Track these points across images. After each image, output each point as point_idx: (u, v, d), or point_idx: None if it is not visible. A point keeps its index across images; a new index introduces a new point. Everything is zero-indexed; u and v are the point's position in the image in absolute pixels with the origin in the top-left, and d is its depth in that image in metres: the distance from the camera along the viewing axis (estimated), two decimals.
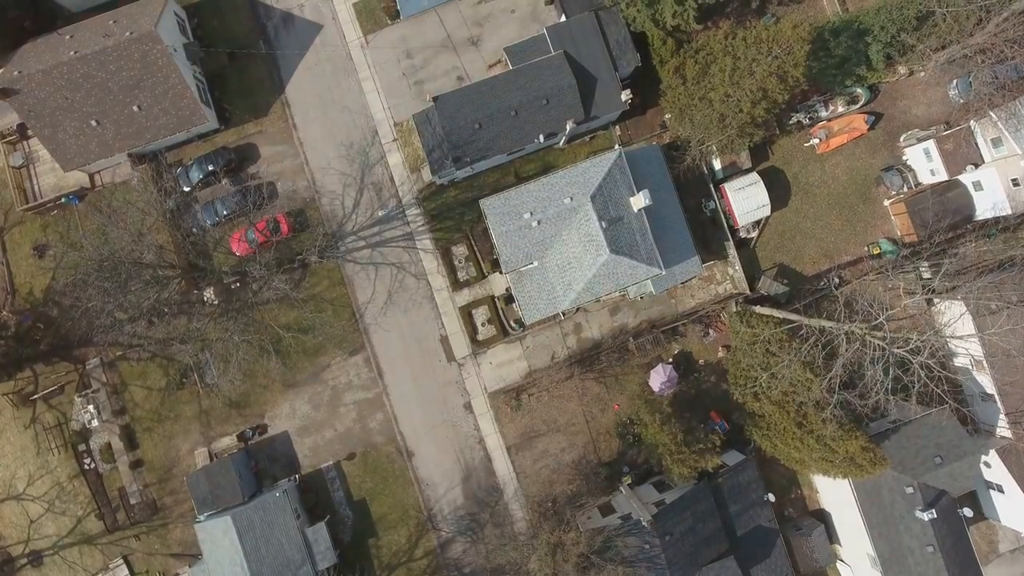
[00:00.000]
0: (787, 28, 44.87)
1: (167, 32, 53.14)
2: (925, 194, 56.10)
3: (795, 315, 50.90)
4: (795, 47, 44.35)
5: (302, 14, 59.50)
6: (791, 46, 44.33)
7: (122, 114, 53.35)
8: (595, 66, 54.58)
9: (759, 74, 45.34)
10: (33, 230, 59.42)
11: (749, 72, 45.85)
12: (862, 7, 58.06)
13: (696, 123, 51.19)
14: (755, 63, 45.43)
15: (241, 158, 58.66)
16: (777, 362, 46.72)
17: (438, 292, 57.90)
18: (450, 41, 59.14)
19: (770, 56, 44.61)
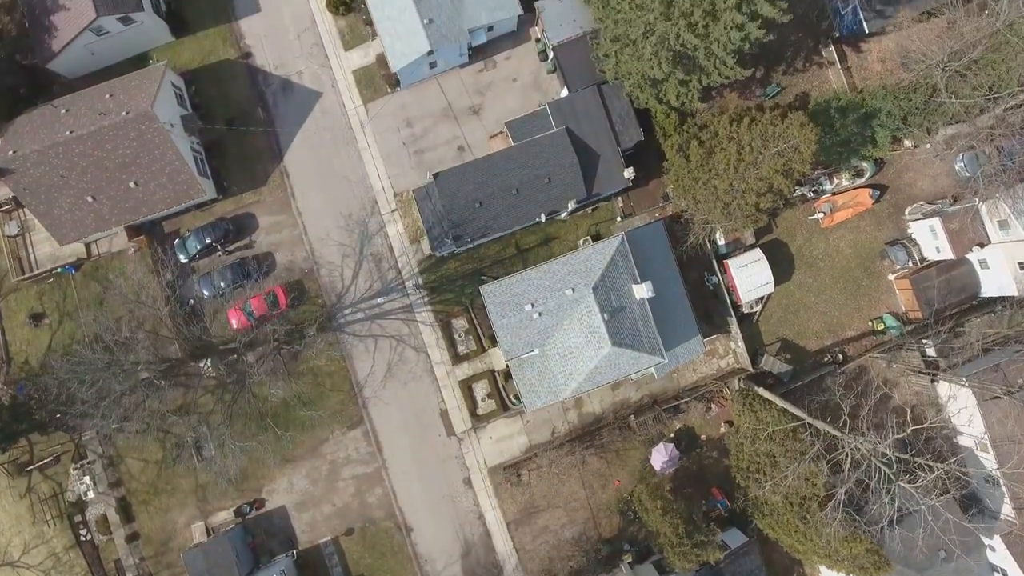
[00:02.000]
0: (794, 125, 44.16)
1: (164, 106, 52.44)
2: (930, 272, 55.54)
3: (798, 410, 50.34)
4: (802, 147, 43.69)
5: (301, 81, 58.76)
6: (798, 145, 43.68)
7: (118, 190, 52.69)
8: (597, 141, 53.97)
9: (764, 170, 44.73)
10: (29, 298, 58.79)
11: (754, 165, 45.22)
12: (867, 83, 57.62)
13: (700, 206, 50.55)
14: (760, 157, 44.78)
15: (239, 228, 58.01)
16: (779, 470, 46.26)
17: (438, 365, 57.32)
18: (451, 110, 58.44)
19: (776, 153, 43.99)
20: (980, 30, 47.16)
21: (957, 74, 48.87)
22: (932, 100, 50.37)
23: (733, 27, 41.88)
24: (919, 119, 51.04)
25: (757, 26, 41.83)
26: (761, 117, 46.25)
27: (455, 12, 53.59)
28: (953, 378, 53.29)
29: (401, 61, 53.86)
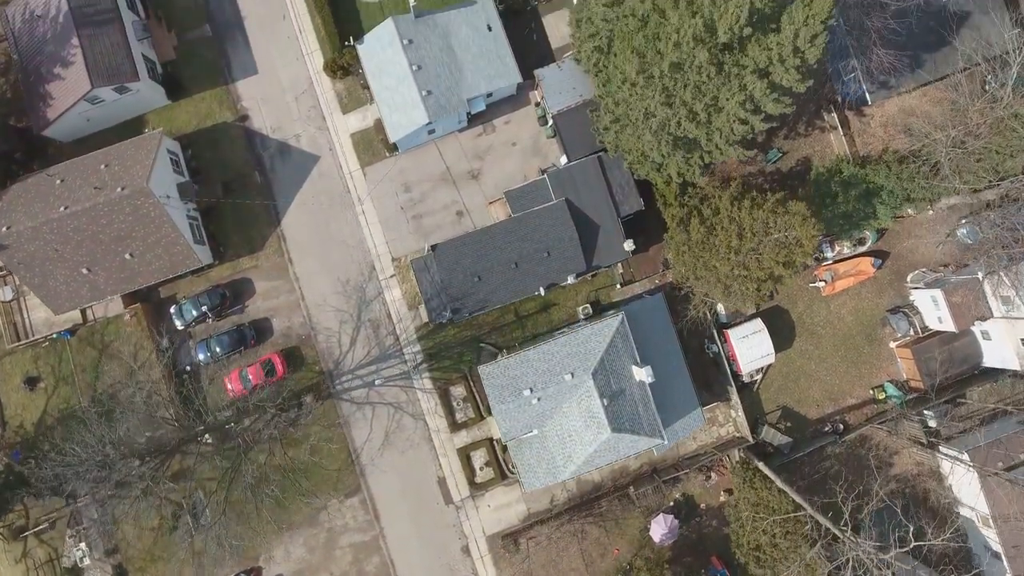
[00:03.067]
0: (796, 219, 43.60)
1: (160, 177, 51.91)
2: (932, 342, 55.17)
3: (798, 496, 49.95)
4: (804, 241, 43.22)
5: (298, 145, 58.26)
6: (800, 239, 43.20)
7: (114, 262, 52.24)
8: (597, 211, 53.54)
9: (766, 260, 44.29)
10: (24, 361, 58.35)
11: (755, 251, 44.77)
12: (870, 148, 57.18)
13: (700, 283, 50.12)
14: (761, 244, 44.32)
15: (236, 293, 57.56)
16: (779, 551, 45.84)
17: (436, 433, 56.93)
18: (449, 174, 57.95)
19: (777, 242, 43.54)
20: (984, 114, 46.71)
21: (960, 153, 48.36)
22: (935, 178, 49.92)
23: (736, 120, 41.38)
24: (922, 194, 50.55)
25: (761, 120, 41.31)
26: (763, 201, 45.69)
27: (454, 82, 53.09)
28: (954, 452, 52.91)
29: (399, 132, 53.40)
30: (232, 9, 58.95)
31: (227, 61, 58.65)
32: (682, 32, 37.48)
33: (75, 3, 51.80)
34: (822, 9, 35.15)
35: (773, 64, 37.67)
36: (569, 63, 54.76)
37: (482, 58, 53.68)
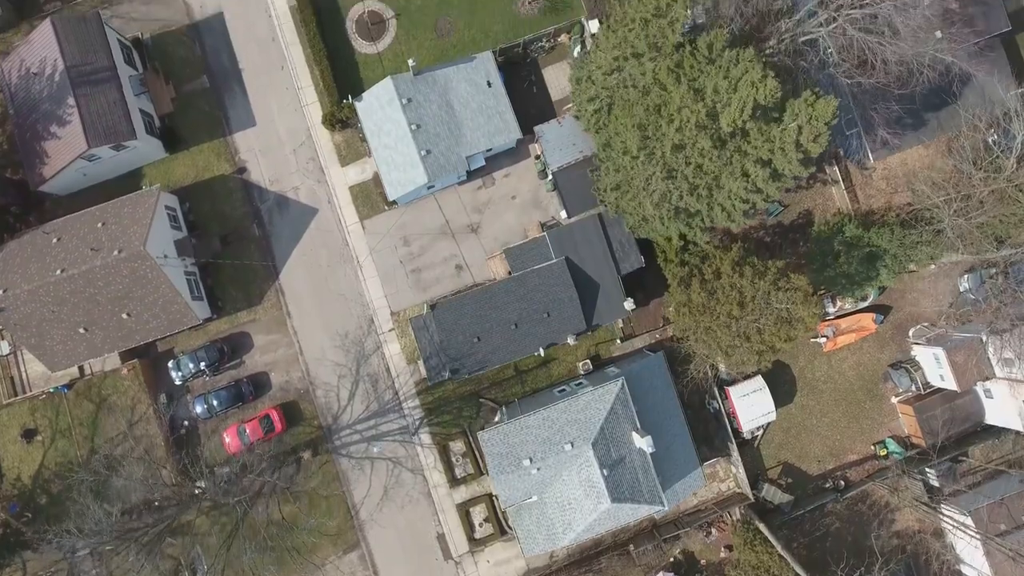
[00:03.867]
0: (800, 294, 43.16)
1: (157, 236, 51.49)
2: (934, 400, 54.92)
3: (799, 567, 49.73)
4: (807, 320, 42.85)
5: (297, 197, 57.89)
6: (803, 318, 42.83)
7: (111, 321, 51.89)
8: (597, 269, 53.23)
9: (767, 335, 43.98)
10: (21, 413, 58.02)
11: (756, 325, 44.45)
12: (872, 202, 56.88)
13: (701, 344, 49.81)
14: (762, 316, 43.99)
15: (234, 347, 57.23)
16: None
17: (435, 488, 56.65)
18: (449, 228, 57.58)
19: (778, 318, 43.23)
20: (987, 182, 46.34)
21: (964, 220, 47.99)
22: (937, 238, 49.57)
23: (738, 199, 41.01)
24: (925, 257, 50.22)
25: (763, 198, 40.92)
26: (765, 270, 45.23)
27: (453, 141, 52.73)
28: (956, 514, 52.67)
29: (398, 191, 53.09)
30: (230, 60, 58.52)
31: (225, 113, 58.22)
32: (684, 117, 37.10)
33: (71, 62, 51.34)
34: (825, 112, 34.84)
35: (775, 154, 37.33)
36: (569, 119, 54.42)
37: (482, 115, 53.30)
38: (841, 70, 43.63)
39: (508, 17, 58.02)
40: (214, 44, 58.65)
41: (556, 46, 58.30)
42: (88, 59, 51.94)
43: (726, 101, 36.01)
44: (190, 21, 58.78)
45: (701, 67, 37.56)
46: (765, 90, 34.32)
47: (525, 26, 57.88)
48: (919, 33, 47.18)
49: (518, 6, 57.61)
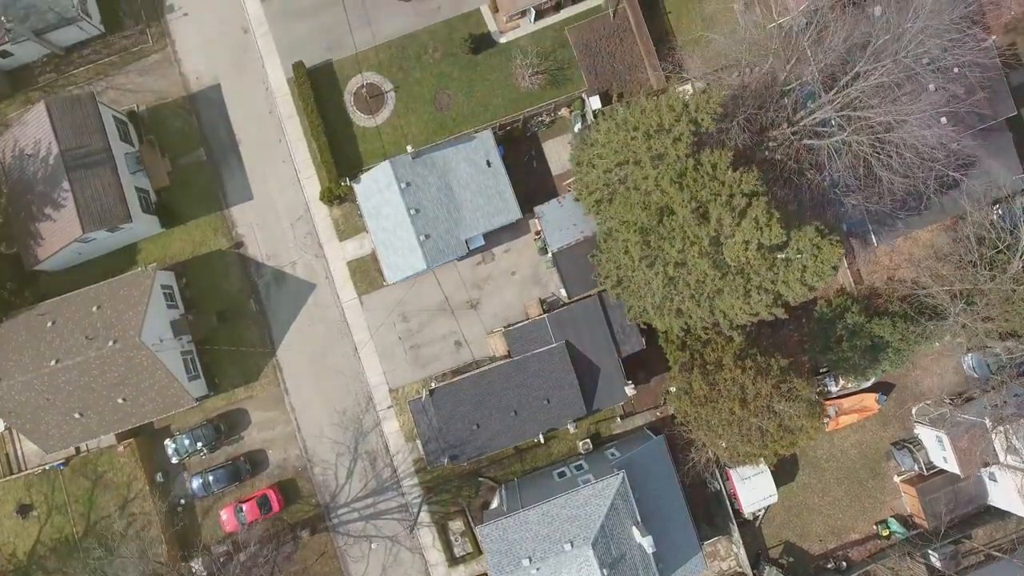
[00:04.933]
0: (803, 404, 42.64)
1: (153, 321, 51.00)
2: (937, 482, 54.44)
3: None
4: (809, 430, 42.36)
5: (294, 272, 57.33)
6: (806, 428, 42.34)
7: (106, 406, 51.41)
8: (597, 353, 52.70)
9: (768, 441, 43.49)
10: (17, 488, 57.56)
11: (759, 427, 43.96)
12: (874, 276, 56.32)
13: (701, 434, 49.34)
14: (766, 420, 43.50)
15: (231, 424, 56.76)
16: None
17: (434, 568, 56.19)
18: (448, 304, 57.02)
19: (780, 426, 42.74)
20: (993, 281, 45.84)
21: (967, 313, 47.53)
22: (941, 329, 49.11)
23: (740, 312, 40.49)
24: (928, 347, 49.75)
25: (768, 309, 40.31)
26: (768, 368, 44.68)
27: (453, 223, 52.19)
28: None
29: (396, 275, 52.61)
30: (227, 132, 57.92)
31: (222, 186, 57.64)
32: (687, 238, 36.53)
33: (66, 145, 50.80)
34: (831, 256, 34.31)
35: (777, 284, 36.82)
36: (569, 200, 53.79)
37: (481, 195, 52.76)
38: (848, 198, 43.19)
39: (508, 90, 57.41)
40: (211, 116, 58.04)
41: (556, 120, 57.73)
42: (83, 141, 51.37)
43: (730, 232, 35.48)
44: (187, 92, 58.17)
45: (704, 182, 37.05)
46: (770, 233, 33.81)
47: (525, 100, 57.30)
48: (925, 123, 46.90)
49: (518, 79, 56.96)
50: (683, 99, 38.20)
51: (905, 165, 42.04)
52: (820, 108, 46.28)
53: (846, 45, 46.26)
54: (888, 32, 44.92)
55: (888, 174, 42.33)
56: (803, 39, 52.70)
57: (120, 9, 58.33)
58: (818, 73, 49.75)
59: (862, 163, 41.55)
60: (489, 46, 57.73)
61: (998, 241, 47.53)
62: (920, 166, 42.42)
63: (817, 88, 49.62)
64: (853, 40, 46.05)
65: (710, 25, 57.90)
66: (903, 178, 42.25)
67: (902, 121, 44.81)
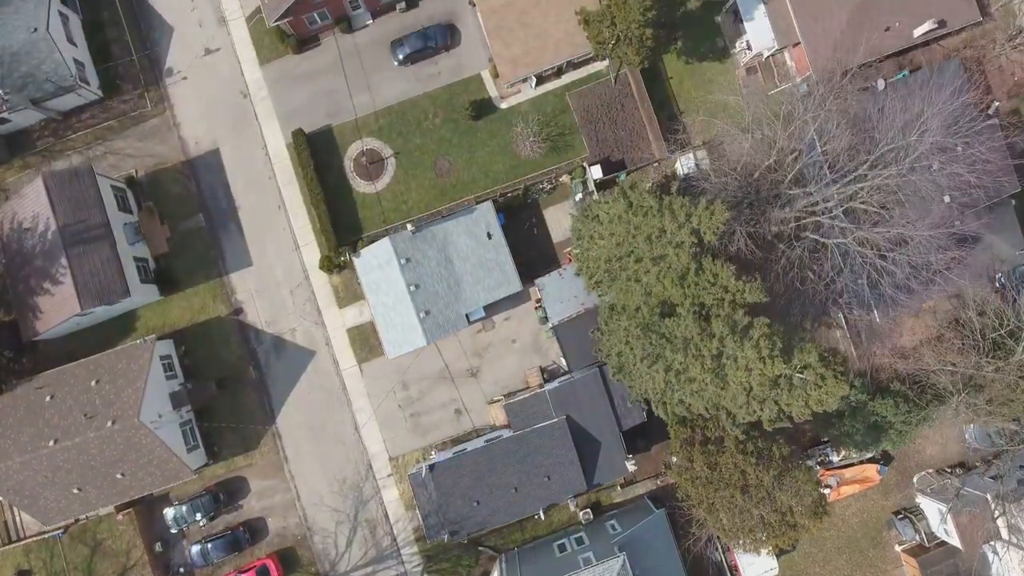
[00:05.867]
0: (807, 501, 42.36)
1: (152, 396, 50.79)
2: (938, 554, 54.24)
3: None
4: (812, 527, 42.17)
5: (294, 339, 57.08)
6: (808, 526, 42.14)
7: (105, 480, 51.21)
8: (598, 426, 52.50)
9: (769, 532, 43.28)
10: (16, 554, 57.36)
11: (761, 516, 43.76)
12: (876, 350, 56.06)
13: (703, 512, 49.16)
14: (768, 512, 43.29)
15: (230, 492, 56.56)
16: None
17: None
18: (448, 372, 56.79)
19: (784, 524, 42.55)
20: (998, 369, 45.63)
21: (970, 397, 47.35)
22: (942, 410, 48.91)
23: (744, 412, 40.19)
24: (930, 426, 49.57)
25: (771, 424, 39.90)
26: (770, 455, 44.40)
27: (453, 298, 51.95)
28: None
29: (396, 350, 52.38)
30: (226, 198, 57.62)
31: (221, 252, 57.35)
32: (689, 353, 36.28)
33: (64, 221, 50.55)
34: (835, 391, 34.06)
35: (781, 404, 36.60)
36: (570, 272, 53.50)
37: (482, 268, 52.51)
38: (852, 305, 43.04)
39: (509, 157, 57.10)
40: (210, 181, 57.76)
41: (557, 187, 57.41)
42: (81, 216, 51.09)
43: (732, 354, 35.21)
44: (186, 157, 57.87)
45: (706, 286, 36.81)
46: (772, 367, 33.53)
47: (526, 166, 57.01)
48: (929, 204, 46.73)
49: (519, 146, 56.65)
50: (687, 208, 37.89)
51: (910, 272, 41.88)
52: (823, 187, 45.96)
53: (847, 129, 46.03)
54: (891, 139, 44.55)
55: (894, 291, 42.22)
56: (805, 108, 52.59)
57: (118, 73, 57.94)
58: (819, 145, 49.48)
59: (867, 276, 41.39)
60: (490, 112, 57.40)
61: (999, 324, 47.27)
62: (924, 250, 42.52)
63: (819, 160, 49.33)
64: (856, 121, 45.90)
65: (712, 90, 57.59)
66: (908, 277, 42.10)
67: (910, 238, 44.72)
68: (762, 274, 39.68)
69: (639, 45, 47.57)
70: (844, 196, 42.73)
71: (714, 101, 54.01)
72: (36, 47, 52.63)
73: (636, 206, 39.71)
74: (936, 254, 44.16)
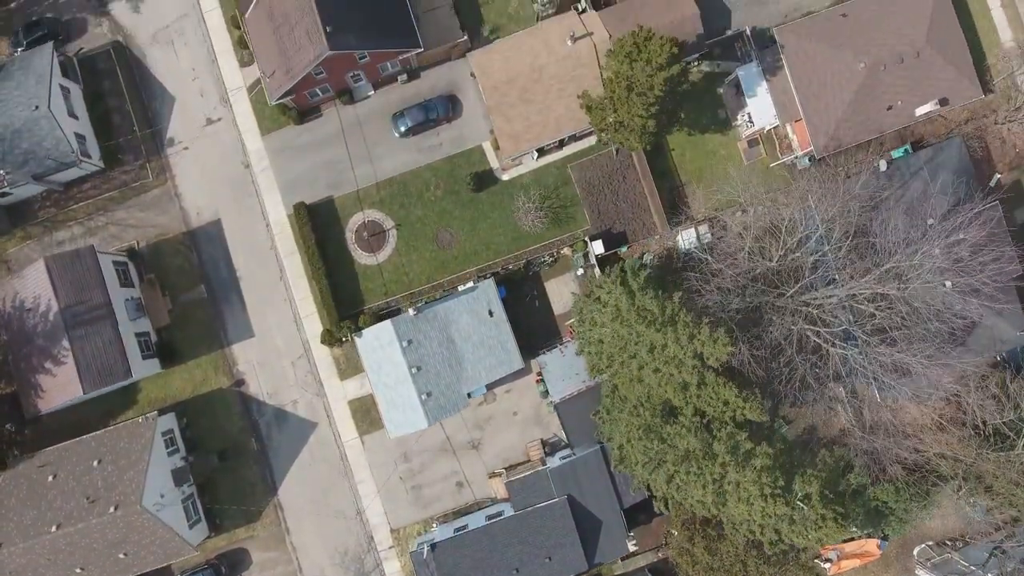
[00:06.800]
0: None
1: (154, 477, 50.89)
2: None
3: None
4: None
5: (295, 411, 57.17)
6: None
7: (107, 561, 51.29)
8: (599, 505, 52.65)
9: None
10: None
11: None
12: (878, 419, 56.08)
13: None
14: None
15: (232, 564, 56.77)
16: None
17: None
18: (450, 444, 56.91)
19: None
20: (1001, 467, 45.75)
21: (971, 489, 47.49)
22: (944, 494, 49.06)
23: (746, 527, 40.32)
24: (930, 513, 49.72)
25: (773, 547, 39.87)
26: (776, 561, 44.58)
27: (454, 378, 52.06)
28: None
29: (398, 430, 52.57)
30: (227, 269, 57.63)
31: (222, 323, 57.39)
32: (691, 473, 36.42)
33: (65, 303, 50.64)
34: (835, 533, 34.19)
35: (783, 533, 36.71)
36: (571, 349, 53.57)
37: (483, 347, 52.61)
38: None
39: (510, 229, 57.10)
40: (212, 252, 57.77)
41: (559, 259, 57.43)
42: (83, 297, 51.16)
43: (733, 481, 35.35)
44: (187, 228, 57.86)
45: (708, 399, 36.94)
46: (774, 507, 33.64)
47: (527, 238, 57.00)
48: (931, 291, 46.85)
49: (520, 219, 56.63)
50: (690, 329, 37.86)
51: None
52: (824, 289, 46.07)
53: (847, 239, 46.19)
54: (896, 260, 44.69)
55: (895, 379, 42.26)
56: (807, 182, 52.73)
57: (120, 144, 57.86)
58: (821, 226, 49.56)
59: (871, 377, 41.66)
60: (491, 183, 57.42)
61: (1000, 413, 47.39)
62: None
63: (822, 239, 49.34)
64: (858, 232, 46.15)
65: (714, 162, 57.72)
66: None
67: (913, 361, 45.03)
68: (766, 373, 39.67)
69: (641, 132, 47.57)
70: (845, 297, 42.78)
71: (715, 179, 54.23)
72: (38, 125, 52.59)
73: (639, 307, 39.75)
74: (937, 348, 44.22)
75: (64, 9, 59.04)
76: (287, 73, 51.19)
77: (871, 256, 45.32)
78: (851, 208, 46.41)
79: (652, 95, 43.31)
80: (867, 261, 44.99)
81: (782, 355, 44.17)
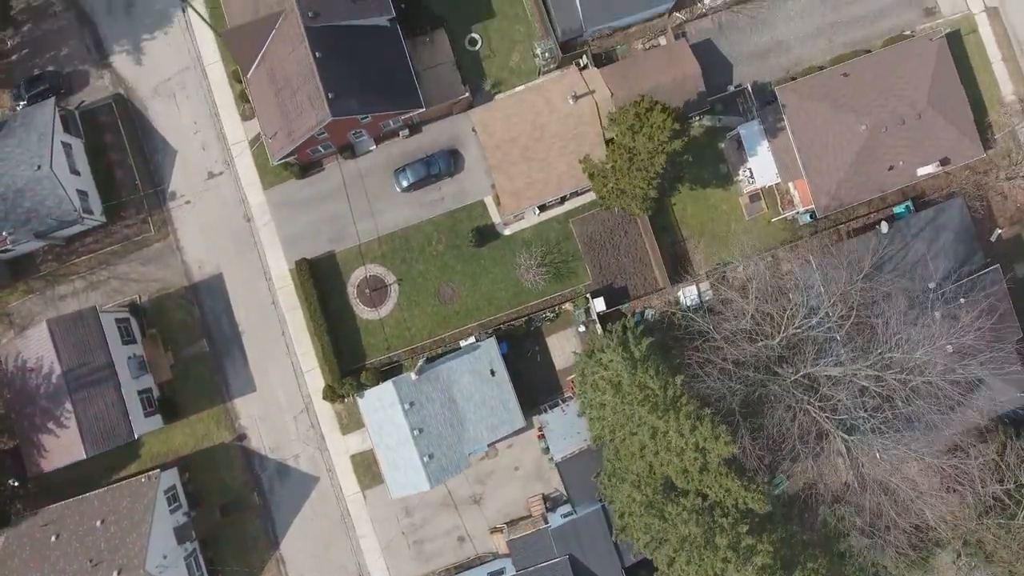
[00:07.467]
0: None
1: (157, 538, 50.95)
2: None
3: None
4: None
5: (297, 465, 57.30)
6: None
7: None
8: (600, 564, 52.86)
9: None
10: None
11: None
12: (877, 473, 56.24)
13: None
14: None
15: None
16: None
17: None
18: (451, 499, 57.06)
19: None
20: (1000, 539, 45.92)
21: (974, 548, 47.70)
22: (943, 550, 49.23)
23: None
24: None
25: None
26: None
27: (456, 439, 52.19)
28: None
29: (400, 491, 52.70)
30: (229, 323, 57.69)
31: (224, 378, 57.47)
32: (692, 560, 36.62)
33: (68, 366, 50.69)
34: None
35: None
36: (573, 408, 53.70)
37: (484, 407, 52.73)
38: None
39: (511, 284, 57.20)
40: (213, 306, 57.83)
41: (560, 314, 57.51)
42: (85, 359, 51.23)
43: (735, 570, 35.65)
44: (189, 282, 57.89)
45: (710, 485, 37.11)
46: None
47: (529, 294, 57.12)
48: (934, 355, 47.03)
49: (521, 274, 56.71)
50: (692, 421, 38.00)
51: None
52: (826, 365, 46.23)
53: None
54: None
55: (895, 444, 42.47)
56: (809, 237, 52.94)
57: (122, 198, 57.89)
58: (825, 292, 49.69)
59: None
60: (493, 238, 57.48)
61: (1000, 480, 47.55)
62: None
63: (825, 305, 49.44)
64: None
65: (716, 216, 57.83)
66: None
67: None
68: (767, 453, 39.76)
69: (643, 199, 47.66)
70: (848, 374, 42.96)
71: (717, 236, 54.32)
72: (40, 184, 52.60)
73: (640, 383, 39.88)
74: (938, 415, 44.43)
75: (66, 62, 58.98)
76: (288, 136, 51.22)
77: (870, 335, 45.46)
78: (852, 292, 46.58)
79: (653, 171, 43.36)
80: (865, 337, 45.12)
81: (784, 443, 44.36)
